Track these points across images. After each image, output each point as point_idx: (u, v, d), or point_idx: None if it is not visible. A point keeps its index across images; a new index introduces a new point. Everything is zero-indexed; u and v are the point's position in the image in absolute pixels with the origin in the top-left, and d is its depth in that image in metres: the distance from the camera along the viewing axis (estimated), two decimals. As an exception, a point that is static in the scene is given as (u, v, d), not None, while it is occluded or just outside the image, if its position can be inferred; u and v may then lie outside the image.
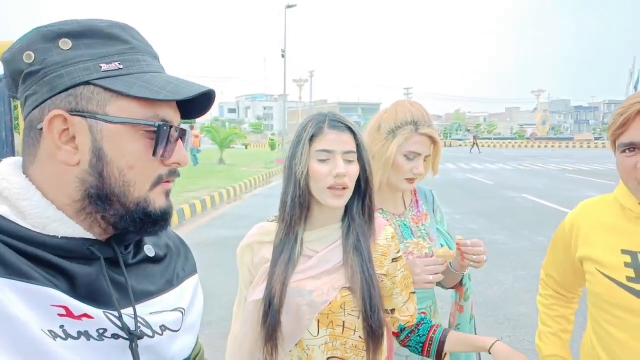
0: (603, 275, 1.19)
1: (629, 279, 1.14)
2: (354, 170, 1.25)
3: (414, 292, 1.42)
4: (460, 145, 49.88)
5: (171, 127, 0.67)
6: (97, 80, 0.64)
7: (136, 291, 0.70)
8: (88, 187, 0.65)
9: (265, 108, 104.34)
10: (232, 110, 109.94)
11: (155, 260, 0.77)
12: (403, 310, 1.38)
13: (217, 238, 7.04)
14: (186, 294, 0.79)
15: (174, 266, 0.80)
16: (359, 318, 1.28)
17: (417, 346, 1.37)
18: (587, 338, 1.33)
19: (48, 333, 0.59)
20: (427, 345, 1.35)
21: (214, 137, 21.18)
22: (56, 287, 0.61)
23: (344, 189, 1.23)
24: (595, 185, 13.90)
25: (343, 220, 1.33)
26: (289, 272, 1.27)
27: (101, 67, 0.65)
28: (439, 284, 1.62)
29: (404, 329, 1.40)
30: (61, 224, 0.64)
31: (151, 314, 0.71)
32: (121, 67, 0.66)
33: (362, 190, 1.31)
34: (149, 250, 0.76)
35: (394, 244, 1.39)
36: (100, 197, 0.66)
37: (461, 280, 1.67)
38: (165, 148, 0.67)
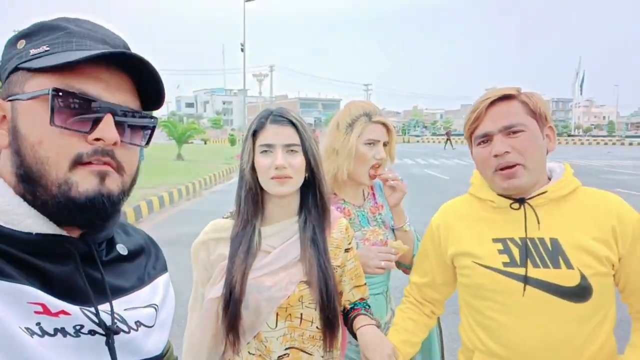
0: (481, 265, 1.24)
1: (504, 264, 1.21)
2: (297, 161, 1.29)
3: (365, 285, 1.48)
4: (418, 141, 50.97)
5: (72, 94, 0.63)
6: (23, 64, 0.66)
7: (111, 287, 0.70)
8: (15, 169, 0.65)
9: (224, 103, 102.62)
10: (189, 105, 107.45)
11: (127, 258, 0.78)
12: (349, 295, 1.44)
13: (176, 235, 6.90)
14: (158, 291, 0.80)
15: (145, 264, 0.81)
16: (316, 310, 1.31)
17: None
18: (465, 336, 1.34)
19: (25, 330, 0.59)
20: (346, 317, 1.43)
21: (171, 132, 20.67)
22: (32, 284, 0.61)
23: (286, 177, 1.28)
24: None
25: (299, 214, 1.37)
26: (248, 263, 1.29)
27: (30, 52, 0.66)
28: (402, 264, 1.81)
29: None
30: (35, 220, 0.64)
31: (126, 310, 0.72)
32: (48, 48, 0.66)
33: (312, 182, 1.35)
34: (122, 248, 0.77)
35: (347, 236, 1.45)
36: (24, 178, 0.64)
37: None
38: (68, 118, 0.63)
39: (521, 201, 1.23)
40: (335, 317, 1.33)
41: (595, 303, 1.16)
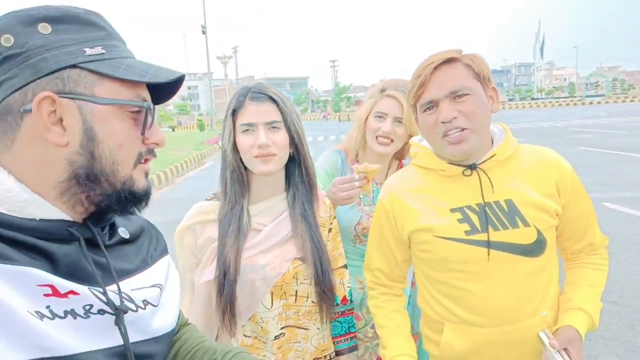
0: (442, 238, 1.22)
1: (466, 232, 1.20)
2: (280, 138, 1.26)
3: (345, 267, 1.47)
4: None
5: (154, 107, 0.72)
6: (84, 64, 0.66)
7: (116, 270, 0.71)
8: (76, 168, 0.67)
9: (189, 87, 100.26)
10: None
11: (129, 241, 0.79)
12: None
13: (151, 226, 6.81)
14: (161, 272, 0.81)
15: (147, 247, 0.82)
16: (310, 284, 1.32)
17: (335, 330, 1.44)
18: (430, 310, 1.32)
19: (35, 314, 0.59)
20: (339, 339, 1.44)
21: (137, 121, 20.11)
22: (39, 267, 0.61)
23: (270, 155, 1.25)
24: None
25: (287, 190, 1.35)
26: (240, 242, 1.27)
27: (85, 51, 0.67)
28: None
29: (335, 299, 1.43)
30: (38, 206, 0.65)
31: (132, 290, 0.73)
32: (103, 51, 0.68)
33: (297, 157, 1.33)
34: (124, 232, 0.78)
35: (330, 215, 1.44)
36: (89, 177, 0.67)
37: None
38: (150, 127, 0.71)
39: (472, 167, 1.23)
40: (330, 289, 1.34)
41: (547, 254, 1.23)
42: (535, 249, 1.21)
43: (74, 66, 0.65)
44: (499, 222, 1.20)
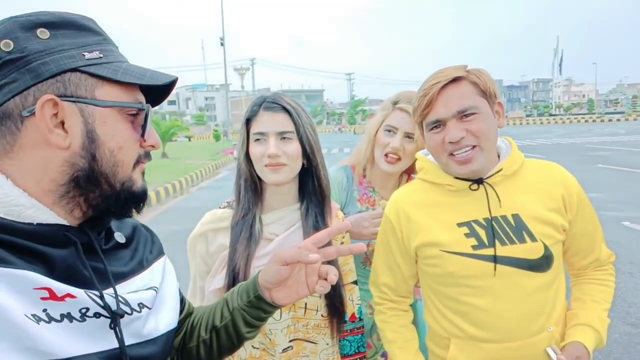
0: (450, 253, 1.21)
1: (473, 247, 1.20)
2: (291, 148, 1.26)
3: (355, 284, 1.45)
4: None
5: (150, 110, 0.73)
6: (84, 67, 0.67)
7: (112, 273, 0.72)
8: (77, 170, 0.67)
9: (206, 98, 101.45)
10: (171, 102, 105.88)
11: (125, 245, 0.79)
12: None
13: (165, 234, 6.82)
14: (156, 274, 0.82)
15: (142, 250, 0.83)
16: (320, 297, 1.30)
17: (344, 349, 1.42)
18: (437, 325, 1.31)
19: (32, 317, 0.60)
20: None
21: (154, 131, 20.39)
22: (36, 270, 0.61)
23: (280, 164, 1.25)
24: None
25: (300, 202, 1.35)
26: (251, 249, 1.26)
27: (84, 55, 0.68)
28: None
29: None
30: (35, 210, 0.65)
31: (128, 293, 0.73)
32: (101, 55, 0.70)
33: (309, 168, 1.32)
34: (119, 237, 0.79)
35: None
36: (89, 179, 0.68)
37: None
38: (148, 129, 0.73)
39: (479, 181, 1.23)
40: (341, 304, 1.32)
41: (554, 269, 1.23)
42: (542, 264, 1.21)
43: (74, 70, 0.66)
44: (506, 237, 1.20)
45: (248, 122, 1.30)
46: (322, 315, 1.32)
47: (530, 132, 31.19)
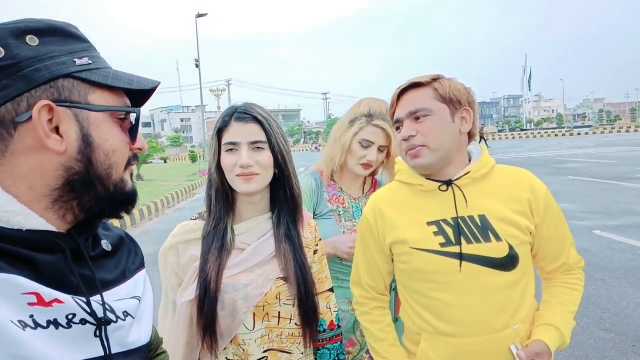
0: (419, 250, 1.28)
1: (441, 245, 1.26)
2: (263, 158, 1.27)
3: (331, 292, 1.46)
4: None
5: (140, 113, 0.76)
6: (77, 73, 0.68)
7: (99, 280, 0.72)
8: (72, 174, 0.68)
9: (182, 120, 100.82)
10: (146, 124, 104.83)
11: (111, 254, 0.80)
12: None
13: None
14: (139, 285, 0.82)
15: (126, 259, 0.83)
16: (294, 306, 1.30)
17: (323, 358, 1.41)
18: (409, 321, 1.37)
19: (17, 324, 0.59)
20: None
21: (129, 153, 20.13)
22: (24, 275, 0.61)
23: (253, 174, 1.26)
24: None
25: (272, 211, 1.35)
26: (223, 259, 1.26)
27: (75, 61, 0.69)
28: None
29: (322, 324, 1.42)
30: (24, 217, 0.65)
31: (114, 301, 0.73)
32: (90, 62, 0.71)
33: (281, 178, 1.32)
34: (106, 245, 0.79)
35: (316, 237, 1.44)
36: (84, 182, 0.69)
37: None
38: (129, 130, 0.75)
39: (448, 183, 1.30)
40: (314, 312, 1.32)
41: (521, 269, 1.28)
42: (507, 263, 1.26)
43: (67, 76, 0.67)
44: (472, 236, 1.26)
45: (220, 132, 1.30)
46: (296, 324, 1.32)
47: (503, 147, 31.95)
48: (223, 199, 1.31)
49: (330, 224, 1.79)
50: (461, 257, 1.25)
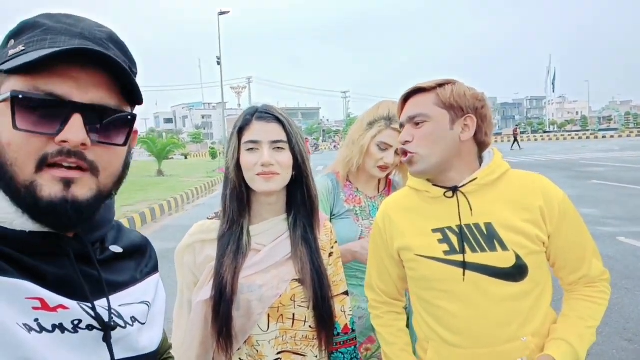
0: (423, 257, 1.27)
1: (445, 252, 1.24)
2: (284, 158, 1.27)
3: (345, 294, 1.45)
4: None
5: (34, 96, 0.62)
6: (0, 66, 0.65)
7: (106, 282, 0.70)
8: None
9: (203, 117, 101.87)
10: (168, 121, 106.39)
11: (122, 256, 0.78)
12: None
13: (159, 251, 6.77)
14: (150, 289, 0.81)
15: (138, 262, 0.82)
16: (308, 308, 1.29)
17: None
18: (419, 328, 1.36)
19: (23, 326, 0.59)
20: None
21: (150, 148, 20.41)
22: (29, 279, 0.61)
23: (273, 173, 1.25)
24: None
25: (288, 212, 1.35)
26: (238, 262, 1.26)
27: (9, 52, 0.66)
28: None
29: (336, 327, 1.41)
30: (27, 219, 0.64)
31: (121, 305, 0.72)
32: (23, 48, 0.65)
33: (299, 179, 1.32)
34: (115, 248, 0.77)
35: (331, 239, 1.43)
36: (0, 178, 0.63)
37: None
38: (33, 120, 0.61)
39: (454, 189, 1.27)
40: (330, 316, 1.32)
41: (531, 280, 1.22)
42: (514, 273, 1.22)
43: None
44: (477, 244, 1.23)
45: (240, 131, 1.30)
46: (310, 326, 1.31)
47: (525, 149, 31.41)
48: (238, 199, 1.30)
49: (348, 224, 1.82)
50: (464, 265, 1.22)
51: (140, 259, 0.83)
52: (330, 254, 1.42)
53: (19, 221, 0.63)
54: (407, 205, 1.37)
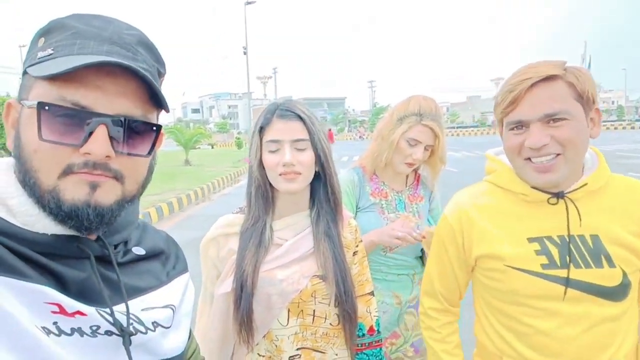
0: (515, 269, 1.12)
1: (543, 266, 1.10)
2: (305, 157, 1.24)
3: (371, 295, 1.43)
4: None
5: (60, 107, 0.61)
6: (29, 68, 0.65)
7: (127, 287, 0.70)
8: (17, 173, 0.66)
9: (229, 107, 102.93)
10: (195, 111, 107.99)
11: (145, 258, 0.77)
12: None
13: (186, 240, 6.89)
14: (176, 291, 0.80)
15: (165, 264, 0.81)
16: (329, 305, 1.28)
17: None
18: (489, 341, 1.23)
19: (41, 329, 0.59)
20: None
21: (178, 138, 20.77)
22: (48, 284, 0.61)
23: (295, 173, 1.23)
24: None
25: (311, 208, 1.33)
26: (260, 256, 1.25)
27: (37, 54, 0.65)
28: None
29: (361, 328, 1.39)
30: (49, 221, 0.64)
31: (142, 310, 0.71)
32: (52, 52, 0.64)
33: (322, 176, 1.30)
34: (138, 250, 0.76)
35: (356, 237, 1.40)
36: (25, 182, 0.64)
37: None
38: (58, 131, 0.61)
39: (560, 195, 1.10)
40: (354, 312, 1.30)
41: (630, 299, 1.11)
42: (617, 292, 1.09)
43: (25, 72, 0.66)
44: (581, 259, 1.09)
45: (261, 130, 1.28)
46: (330, 323, 1.30)
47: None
48: (263, 197, 1.30)
49: (372, 217, 1.81)
50: (568, 282, 1.08)
51: (166, 260, 0.82)
52: (355, 253, 1.39)
53: (41, 224, 0.64)
54: (492, 205, 1.19)
